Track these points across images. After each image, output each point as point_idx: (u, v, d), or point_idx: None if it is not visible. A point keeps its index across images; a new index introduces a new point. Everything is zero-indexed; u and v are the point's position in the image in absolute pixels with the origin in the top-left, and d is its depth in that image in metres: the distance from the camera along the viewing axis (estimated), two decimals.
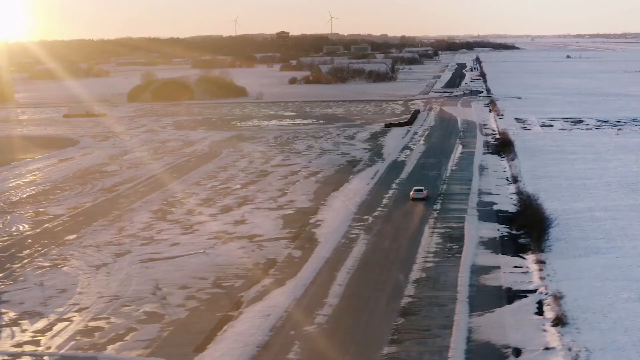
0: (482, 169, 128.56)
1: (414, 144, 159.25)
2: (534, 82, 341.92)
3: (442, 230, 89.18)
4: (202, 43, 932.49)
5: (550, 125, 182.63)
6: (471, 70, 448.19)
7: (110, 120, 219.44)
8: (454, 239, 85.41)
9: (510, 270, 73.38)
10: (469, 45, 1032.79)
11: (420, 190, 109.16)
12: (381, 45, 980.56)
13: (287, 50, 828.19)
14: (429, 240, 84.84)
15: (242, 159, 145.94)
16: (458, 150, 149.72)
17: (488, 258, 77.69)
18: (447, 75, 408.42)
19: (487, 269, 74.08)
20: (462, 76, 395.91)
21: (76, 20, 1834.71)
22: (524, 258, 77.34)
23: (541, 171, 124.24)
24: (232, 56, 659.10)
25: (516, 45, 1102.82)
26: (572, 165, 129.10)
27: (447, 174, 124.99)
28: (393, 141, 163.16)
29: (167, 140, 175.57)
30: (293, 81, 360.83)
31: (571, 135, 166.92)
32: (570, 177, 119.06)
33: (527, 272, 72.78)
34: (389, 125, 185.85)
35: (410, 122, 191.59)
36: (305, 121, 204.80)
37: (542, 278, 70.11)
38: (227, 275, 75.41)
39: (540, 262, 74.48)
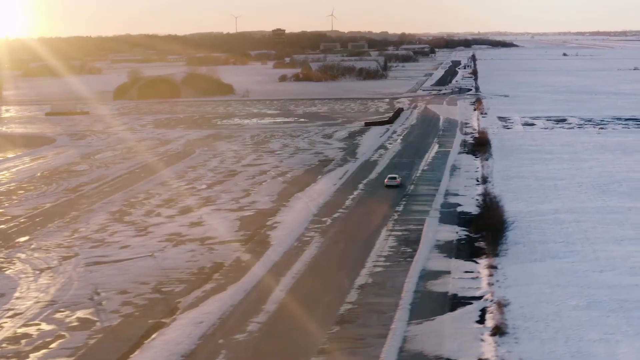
0: (454, 169, 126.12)
1: (390, 143, 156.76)
2: (526, 80, 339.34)
3: (400, 233, 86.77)
4: (201, 40, 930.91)
5: (532, 124, 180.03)
6: (464, 68, 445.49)
7: (92, 119, 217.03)
8: (409, 242, 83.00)
9: (460, 276, 70.96)
10: (467, 43, 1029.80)
11: (394, 178, 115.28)
12: (379, 43, 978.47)
13: (283, 47, 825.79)
14: (384, 244, 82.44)
15: (214, 158, 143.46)
16: (434, 149, 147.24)
17: (440, 262, 75.27)
18: (439, 73, 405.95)
19: (437, 274, 71.66)
20: (455, 74, 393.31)
21: (77, 18, 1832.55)
22: (477, 262, 74.94)
23: (514, 171, 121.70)
24: (230, 53, 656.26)
25: (515, 43, 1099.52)
26: (547, 165, 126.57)
27: (418, 174, 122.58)
28: (370, 140, 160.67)
29: (143, 139, 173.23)
30: (283, 79, 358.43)
31: (552, 134, 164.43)
32: (542, 177, 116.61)
33: (477, 277, 70.42)
34: (369, 124, 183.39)
35: (391, 120, 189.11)
36: (286, 119, 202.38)
37: (490, 284, 67.69)
38: (170, 279, 73.07)
39: (492, 267, 72.10)
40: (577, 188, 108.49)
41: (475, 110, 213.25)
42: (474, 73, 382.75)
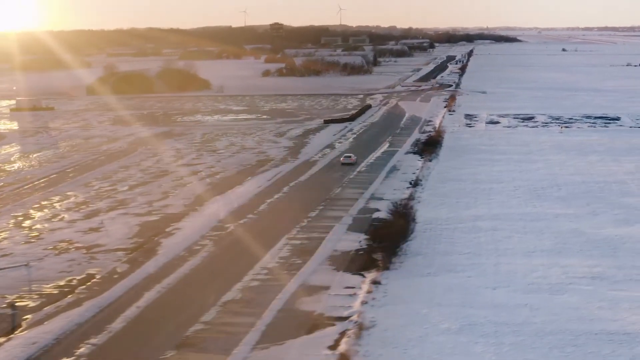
0: (392, 170, 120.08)
1: (340, 142, 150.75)
2: (512, 76, 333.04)
3: (299, 242, 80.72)
4: (203, 34, 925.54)
5: (497, 122, 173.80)
6: (456, 64, 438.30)
7: (54, 115, 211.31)
8: (304, 252, 76.99)
9: (338, 292, 64.93)
10: (469, 38, 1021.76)
11: (349, 157, 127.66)
12: (381, 37, 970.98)
13: (281, 41, 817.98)
14: (276, 254, 76.45)
15: (152, 157, 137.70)
16: (382, 149, 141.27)
17: (324, 276, 69.21)
18: (428, 68, 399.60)
19: (314, 290, 65.63)
20: (444, 69, 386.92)
21: (85, 11, 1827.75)
22: (363, 276, 68.52)
23: (454, 173, 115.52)
24: (226, 47, 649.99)
25: (519, 38, 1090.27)
26: (492, 167, 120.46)
27: (351, 176, 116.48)
28: (321, 139, 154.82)
29: (93, 136, 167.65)
30: (267, 73, 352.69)
31: (512, 133, 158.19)
32: (481, 180, 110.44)
33: (355, 294, 63.96)
34: (328, 122, 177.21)
35: (353, 118, 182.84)
36: (248, 116, 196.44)
37: (364, 302, 61.48)
38: (31, 292, 66.95)
39: (376, 283, 65.76)
40: (512, 192, 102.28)
41: (445, 107, 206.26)
42: (462, 69, 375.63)
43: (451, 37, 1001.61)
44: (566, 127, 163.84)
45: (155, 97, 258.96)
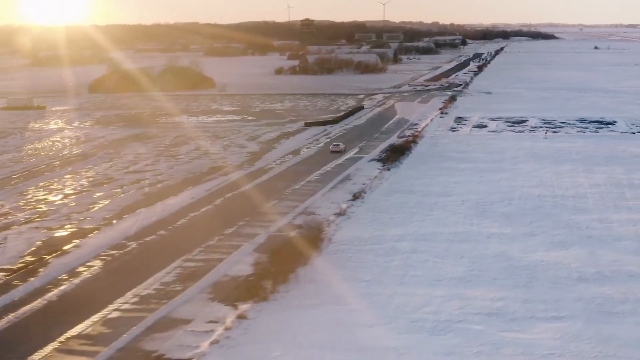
0: (343, 180, 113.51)
1: (308, 148, 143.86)
2: (529, 75, 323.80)
3: (193, 264, 74.15)
4: (242, 28, 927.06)
5: (485, 126, 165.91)
6: (479, 61, 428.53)
7: (41, 115, 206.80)
8: (191, 277, 70.63)
9: (195, 328, 58.44)
10: (505, 35, 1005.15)
11: (337, 145, 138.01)
12: (417, 34, 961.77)
13: (311, 38, 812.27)
14: (159, 279, 69.86)
15: (107, 163, 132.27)
16: (347, 156, 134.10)
17: (194, 308, 62.65)
18: (447, 67, 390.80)
19: (172, 324, 59.22)
20: (463, 67, 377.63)
21: (136, 4, 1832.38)
22: (236, 308, 61.60)
23: (406, 184, 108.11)
24: (259, 43, 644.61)
25: (557, 35, 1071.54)
26: (451, 177, 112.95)
27: (297, 187, 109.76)
28: (291, 144, 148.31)
29: (65, 137, 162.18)
30: (279, 71, 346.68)
31: (494, 138, 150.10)
32: (431, 192, 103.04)
33: (212, 330, 57.02)
34: (309, 124, 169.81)
35: (337, 120, 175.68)
36: (234, 118, 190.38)
37: (215, 342, 54.53)
38: None
39: (241, 317, 58.91)
40: (457, 207, 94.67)
41: (440, 109, 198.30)
42: (481, 67, 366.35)
43: (487, 34, 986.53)
44: (554, 132, 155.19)
45: (155, 95, 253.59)
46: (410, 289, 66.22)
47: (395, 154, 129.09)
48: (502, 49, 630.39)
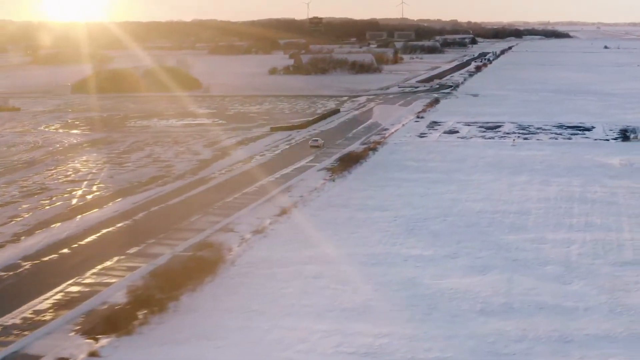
0: (283, 192, 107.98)
1: (262, 155, 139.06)
2: (526, 76, 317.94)
3: (77, 289, 69.10)
4: (252, 26, 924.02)
5: (456, 132, 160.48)
6: (481, 61, 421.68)
7: (13, 116, 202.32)
8: (68, 304, 65.39)
9: None
10: (518, 33, 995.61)
11: (316, 140, 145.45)
12: (430, 32, 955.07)
13: (320, 36, 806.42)
14: (29, 307, 64.47)
15: (50, 170, 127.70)
16: (299, 164, 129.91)
17: (54, 341, 58.22)
18: (446, 67, 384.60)
19: None
20: (462, 67, 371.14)
21: (155, 1, 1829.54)
22: (96, 342, 56.16)
23: (346, 197, 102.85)
24: (266, 40, 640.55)
25: (572, 34, 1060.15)
26: (397, 189, 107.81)
27: (230, 199, 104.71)
28: (247, 151, 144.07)
29: (21, 143, 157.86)
30: (273, 71, 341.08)
31: (460, 145, 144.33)
32: (368, 206, 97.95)
33: None
34: (275, 129, 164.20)
35: (305, 125, 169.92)
36: (203, 121, 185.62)
37: None
38: None
39: (93, 355, 53.36)
40: (387, 224, 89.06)
41: (419, 112, 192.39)
42: (479, 68, 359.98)
43: (499, 33, 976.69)
44: (525, 138, 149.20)
45: (135, 97, 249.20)
46: (293, 321, 60.62)
47: (347, 163, 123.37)
48: (510, 48, 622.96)
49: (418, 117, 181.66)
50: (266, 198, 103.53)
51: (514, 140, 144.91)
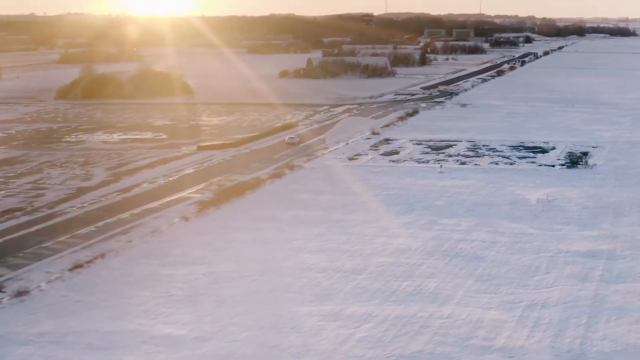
0: (117, 235, 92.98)
1: (151, 182, 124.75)
2: (542, 82, 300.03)
3: None
4: (320, 22, 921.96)
5: (397, 153, 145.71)
6: (510, 64, 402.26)
7: None
8: None
9: None
10: (580, 31, 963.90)
11: (292, 138, 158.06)
12: (491, 30, 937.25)
13: (372, 33, 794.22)
14: None
15: None
16: (176, 196, 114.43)
17: None
18: (471, 70, 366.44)
19: None
20: (484, 72, 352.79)
21: None
22: None
23: (169, 245, 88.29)
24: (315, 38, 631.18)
25: (637, 32, 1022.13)
26: (248, 234, 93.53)
27: (48, 244, 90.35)
28: (142, 177, 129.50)
29: None
30: (284, 74, 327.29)
31: (380, 173, 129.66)
32: (180, 261, 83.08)
33: None
34: (202, 148, 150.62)
35: (238, 144, 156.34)
36: (145, 136, 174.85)
37: None
38: None
39: None
40: (180, 285, 74.08)
41: (382, 127, 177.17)
42: (501, 72, 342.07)
43: (561, 31, 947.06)
44: (462, 164, 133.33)
45: (114, 104, 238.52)
46: None
47: (226, 196, 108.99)
48: (560, 48, 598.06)
49: (374, 133, 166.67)
50: (88, 243, 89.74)
51: (440, 166, 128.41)
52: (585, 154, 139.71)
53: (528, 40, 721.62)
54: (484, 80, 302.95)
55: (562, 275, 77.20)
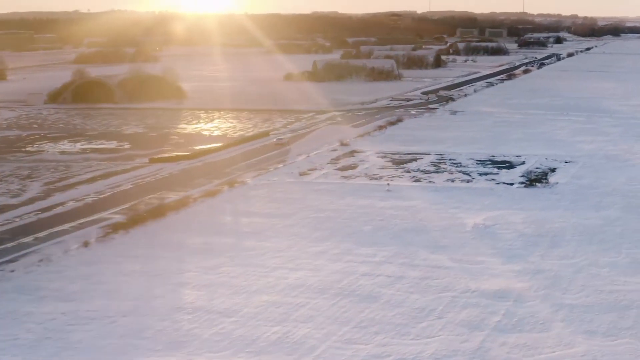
0: None
1: (63, 205, 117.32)
2: (551, 87, 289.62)
3: None
4: (357, 22, 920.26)
5: (354, 168, 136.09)
6: (526, 66, 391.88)
7: None
8: None
9: None
10: (615, 31, 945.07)
11: (281, 139, 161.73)
12: (522, 29, 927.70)
13: (398, 33, 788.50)
14: None
15: None
16: (78, 221, 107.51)
17: None
18: (484, 73, 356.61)
19: None
20: (494, 75, 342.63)
21: None
22: None
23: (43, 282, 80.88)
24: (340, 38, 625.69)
25: None
26: (150, 264, 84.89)
27: None
28: (82, 191, 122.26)
29: None
30: (289, 77, 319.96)
31: (323, 191, 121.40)
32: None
33: None
34: (154, 161, 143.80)
35: (194, 156, 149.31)
36: (107, 146, 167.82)
37: None
38: None
39: None
40: None
41: (356, 137, 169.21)
42: (511, 76, 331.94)
43: (595, 31, 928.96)
44: (417, 180, 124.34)
45: (99, 109, 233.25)
46: None
47: (142, 218, 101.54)
48: (588, 49, 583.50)
49: (342, 144, 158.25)
50: None
51: (388, 184, 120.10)
52: (552, 170, 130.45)
53: (559, 40, 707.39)
54: (491, 85, 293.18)
55: (453, 322, 68.50)
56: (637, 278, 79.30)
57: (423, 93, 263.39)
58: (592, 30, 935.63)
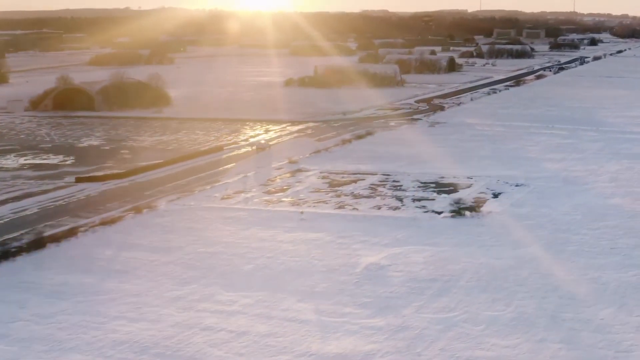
0: None
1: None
2: (556, 94, 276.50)
3: None
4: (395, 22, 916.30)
5: (284, 191, 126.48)
6: (545, 70, 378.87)
7: None
8: None
9: None
10: None
11: (262, 143, 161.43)
12: (563, 30, 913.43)
13: (428, 34, 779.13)
14: None
15: None
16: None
17: None
18: (495, 78, 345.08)
19: None
20: (503, 82, 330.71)
21: None
22: None
23: None
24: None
25: None
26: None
27: None
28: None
29: None
30: (289, 83, 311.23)
31: (231, 219, 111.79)
32: None
33: None
34: (80, 180, 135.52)
35: (127, 175, 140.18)
36: (51, 161, 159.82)
37: None
38: None
39: None
40: None
41: (313, 152, 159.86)
42: (519, 82, 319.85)
43: (636, 32, 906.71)
44: (340, 207, 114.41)
45: (78, 117, 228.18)
46: None
47: (17, 252, 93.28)
48: (619, 51, 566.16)
49: (290, 162, 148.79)
50: None
51: (301, 212, 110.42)
52: (496, 195, 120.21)
53: (593, 42, 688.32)
54: (493, 92, 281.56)
55: None
56: (508, 340, 68.69)
57: (416, 101, 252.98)
58: (633, 31, 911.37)
